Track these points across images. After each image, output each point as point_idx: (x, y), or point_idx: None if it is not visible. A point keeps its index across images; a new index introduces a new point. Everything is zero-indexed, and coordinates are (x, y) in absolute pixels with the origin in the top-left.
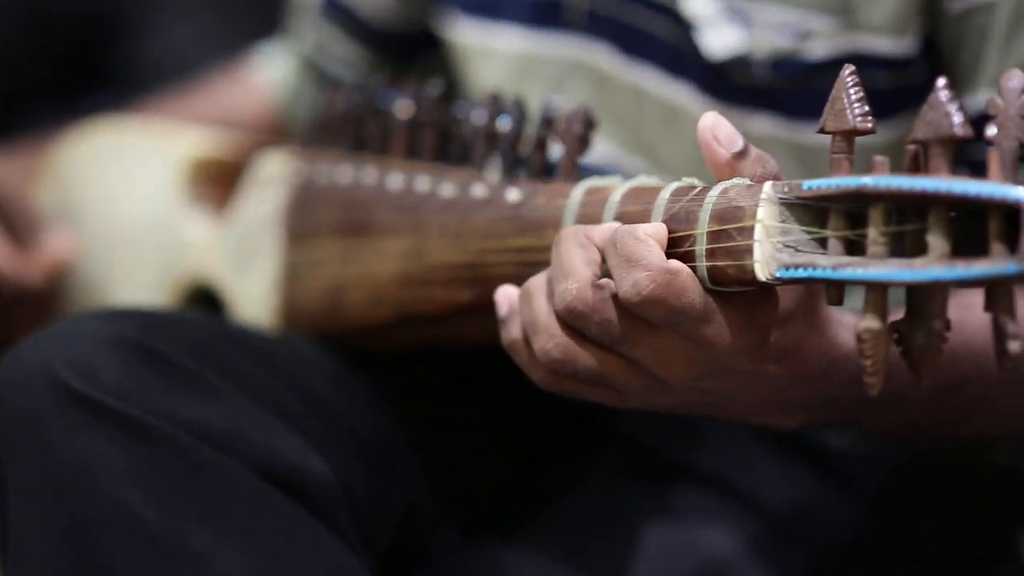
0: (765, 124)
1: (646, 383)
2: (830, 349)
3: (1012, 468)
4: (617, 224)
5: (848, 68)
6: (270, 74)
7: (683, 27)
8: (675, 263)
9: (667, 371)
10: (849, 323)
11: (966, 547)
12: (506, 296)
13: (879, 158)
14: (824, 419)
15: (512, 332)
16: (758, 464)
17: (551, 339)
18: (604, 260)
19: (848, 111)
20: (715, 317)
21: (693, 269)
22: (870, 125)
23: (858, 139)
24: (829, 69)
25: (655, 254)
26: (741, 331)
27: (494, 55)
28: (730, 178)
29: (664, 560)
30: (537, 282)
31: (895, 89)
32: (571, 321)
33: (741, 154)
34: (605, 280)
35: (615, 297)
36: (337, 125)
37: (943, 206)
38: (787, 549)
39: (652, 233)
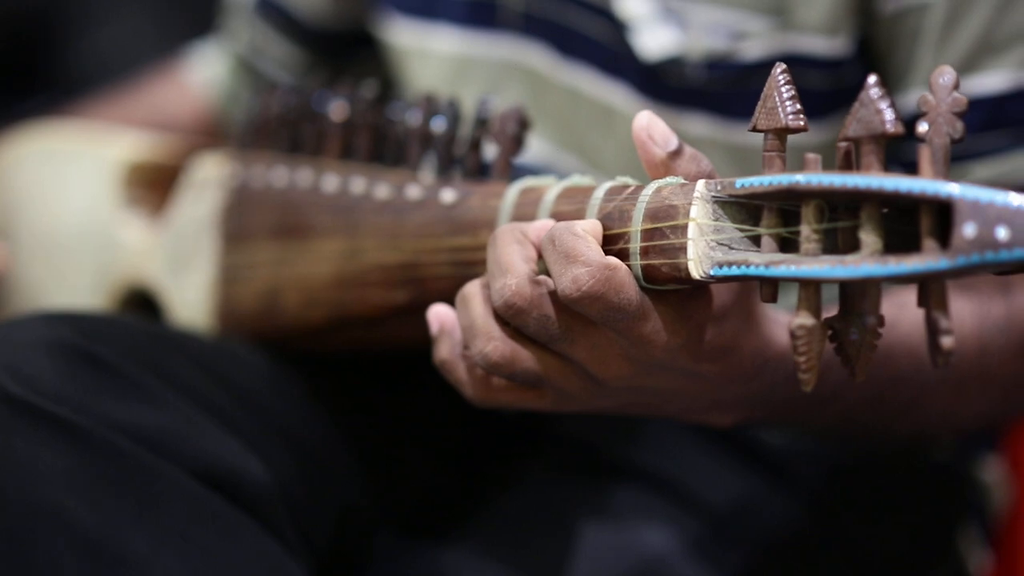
0: (700, 124)
1: (583, 383)
2: (765, 347)
3: (949, 465)
4: (553, 221)
5: (780, 66)
6: (204, 74)
7: (618, 28)
8: (613, 259)
9: (604, 369)
10: (784, 321)
11: (905, 543)
12: (437, 315)
13: (811, 155)
14: (761, 417)
15: (442, 351)
16: (697, 462)
17: (489, 341)
18: (540, 257)
19: (780, 109)
20: (651, 315)
21: (628, 267)
22: (802, 123)
23: (793, 139)
24: (763, 70)
25: (594, 250)
26: (677, 329)
27: (430, 55)
28: (665, 177)
29: (603, 558)
30: (473, 286)
31: (829, 89)
32: (509, 318)
33: (676, 153)
34: (543, 276)
35: (553, 293)
36: (272, 127)
37: (875, 203)
38: (725, 546)
39: (589, 229)
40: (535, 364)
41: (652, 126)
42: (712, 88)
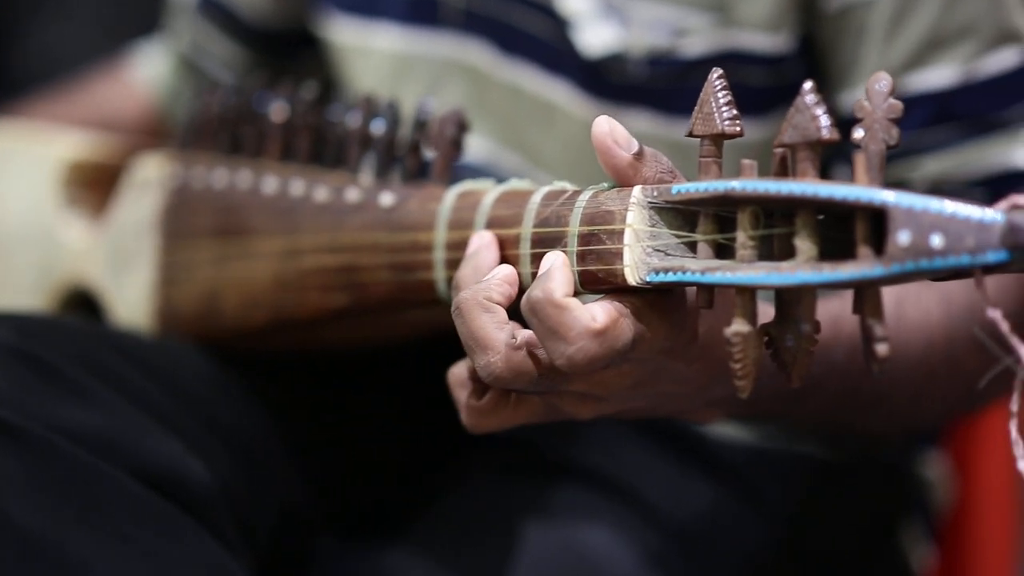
0: (642, 121)
1: (582, 403)
2: None
3: (893, 462)
4: (511, 269)
5: (716, 71)
6: (147, 72)
7: (560, 25)
8: (601, 319)
9: (605, 390)
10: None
11: (847, 539)
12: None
13: (747, 162)
14: (740, 412)
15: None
16: (640, 461)
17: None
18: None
19: (716, 115)
20: (644, 336)
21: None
22: (738, 129)
23: (735, 136)
24: (705, 66)
25: (579, 321)
26: (670, 335)
27: (371, 54)
28: (632, 180)
29: (546, 558)
30: (458, 375)
31: (771, 86)
32: (503, 387)
33: (639, 154)
34: (522, 336)
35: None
36: (213, 128)
37: (810, 209)
38: (668, 545)
39: (567, 290)
40: (531, 407)
41: (615, 130)
42: (654, 84)
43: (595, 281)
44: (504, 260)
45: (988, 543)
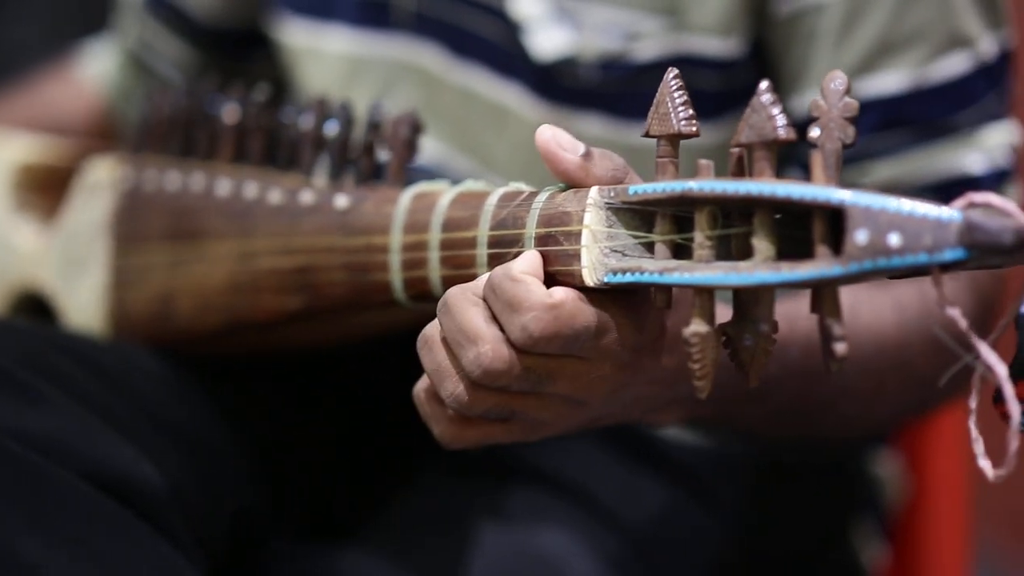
0: (594, 125)
1: (561, 409)
2: None
3: (844, 460)
4: (493, 272)
5: (672, 71)
6: (95, 69)
7: (512, 28)
8: (558, 295)
9: (588, 393)
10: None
11: (799, 537)
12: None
13: (703, 162)
14: (706, 413)
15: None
16: (594, 463)
17: (458, 384)
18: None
19: (672, 115)
20: (609, 326)
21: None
22: (694, 129)
23: (688, 140)
24: (657, 70)
25: (535, 293)
26: (637, 330)
27: (323, 56)
28: (584, 182)
29: (499, 558)
30: (432, 330)
31: (722, 90)
32: (490, 383)
33: (587, 155)
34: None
35: None
36: (165, 130)
37: (767, 209)
38: (621, 545)
39: (527, 269)
40: (512, 404)
41: (558, 136)
42: (606, 88)
43: (553, 283)
44: (460, 262)
45: (940, 541)
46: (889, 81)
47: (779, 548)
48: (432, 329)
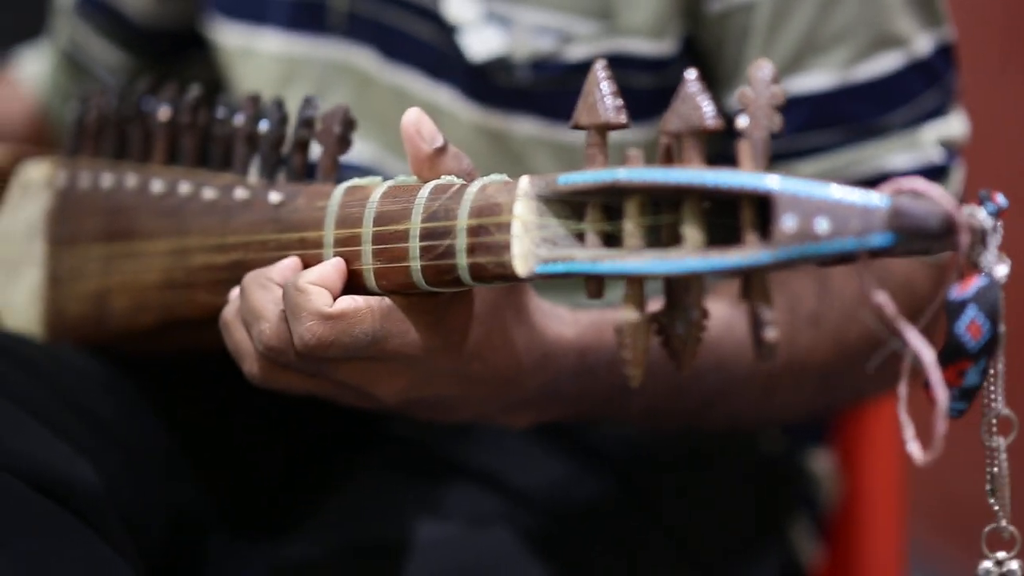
0: (528, 125)
1: (351, 398)
2: (542, 342)
3: (779, 457)
4: (297, 261)
5: (600, 63)
6: (31, 69)
7: (445, 30)
8: (340, 305)
9: (376, 388)
10: (564, 315)
11: (734, 534)
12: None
13: (633, 151)
14: (559, 413)
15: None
16: (528, 459)
17: (254, 363)
18: None
19: (600, 105)
20: (391, 335)
21: (453, 267)
22: (623, 119)
23: (620, 139)
24: (589, 70)
25: (314, 303)
26: (434, 334)
27: (257, 57)
28: (429, 173)
29: (436, 557)
30: (228, 313)
31: (655, 89)
32: (272, 359)
33: (441, 150)
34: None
35: None
36: (98, 131)
37: (696, 197)
38: (558, 542)
39: (315, 279)
40: (305, 386)
41: (421, 122)
42: (538, 89)
43: (485, 274)
44: (393, 256)
45: (876, 539)
46: (815, 80)
47: (716, 544)
48: (227, 312)
